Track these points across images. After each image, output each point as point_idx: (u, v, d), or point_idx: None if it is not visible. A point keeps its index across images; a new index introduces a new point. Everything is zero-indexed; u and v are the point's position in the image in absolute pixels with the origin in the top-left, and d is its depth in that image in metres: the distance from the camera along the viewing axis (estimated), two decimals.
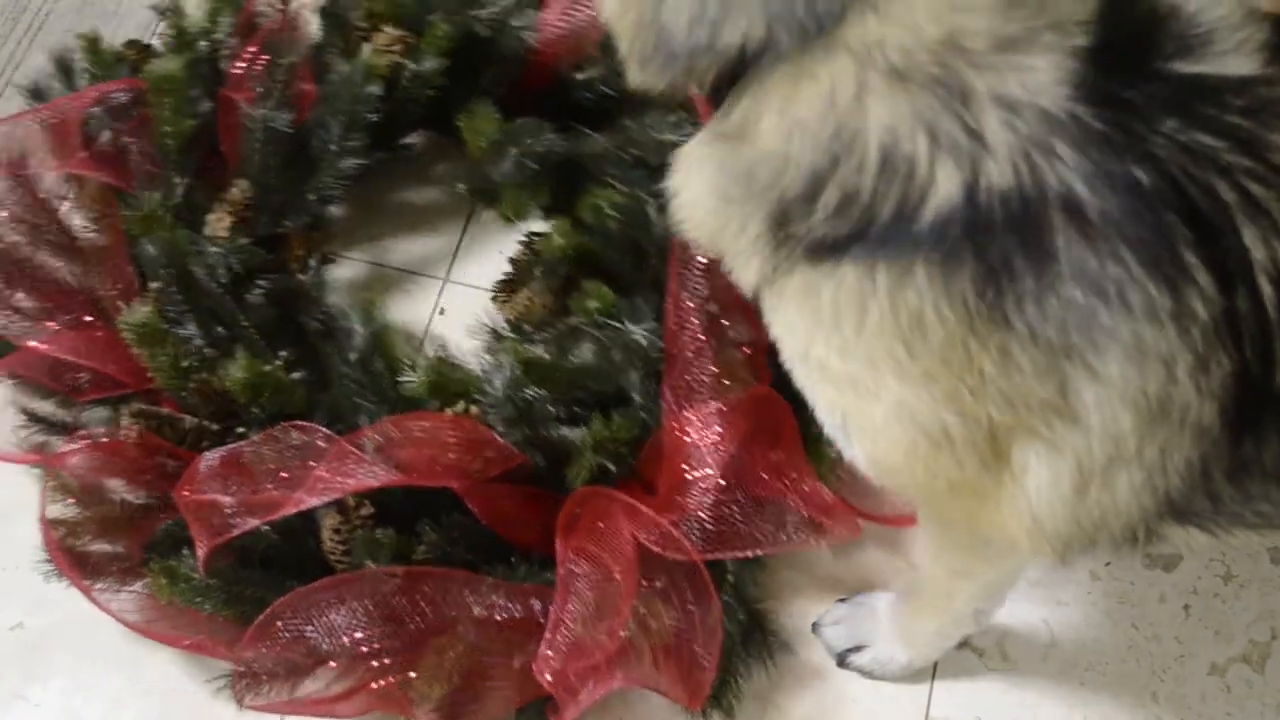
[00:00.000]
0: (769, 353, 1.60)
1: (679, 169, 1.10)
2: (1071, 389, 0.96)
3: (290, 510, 1.48)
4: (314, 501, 1.48)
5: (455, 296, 1.94)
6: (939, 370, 0.98)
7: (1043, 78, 0.91)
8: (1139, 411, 0.96)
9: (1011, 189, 0.91)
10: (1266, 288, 0.93)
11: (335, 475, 1.47)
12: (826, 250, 0.98)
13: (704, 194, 1.06)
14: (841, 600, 1.66)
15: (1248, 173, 0.92)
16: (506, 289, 1.83)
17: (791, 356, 1.11)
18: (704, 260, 1.60)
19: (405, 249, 1.99)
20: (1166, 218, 0.91)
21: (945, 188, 0.92)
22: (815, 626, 1.64)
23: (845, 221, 0.96)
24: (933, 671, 1.63)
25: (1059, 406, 0.97)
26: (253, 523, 1.50)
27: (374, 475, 1.48)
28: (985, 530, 1.11)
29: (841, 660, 1.63)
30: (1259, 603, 1.67)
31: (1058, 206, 0.91)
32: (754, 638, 1.61)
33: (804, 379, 1.12)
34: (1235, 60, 0.94)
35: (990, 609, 1.50)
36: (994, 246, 0.92)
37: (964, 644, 1.63)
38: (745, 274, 1.07)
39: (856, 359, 1.01)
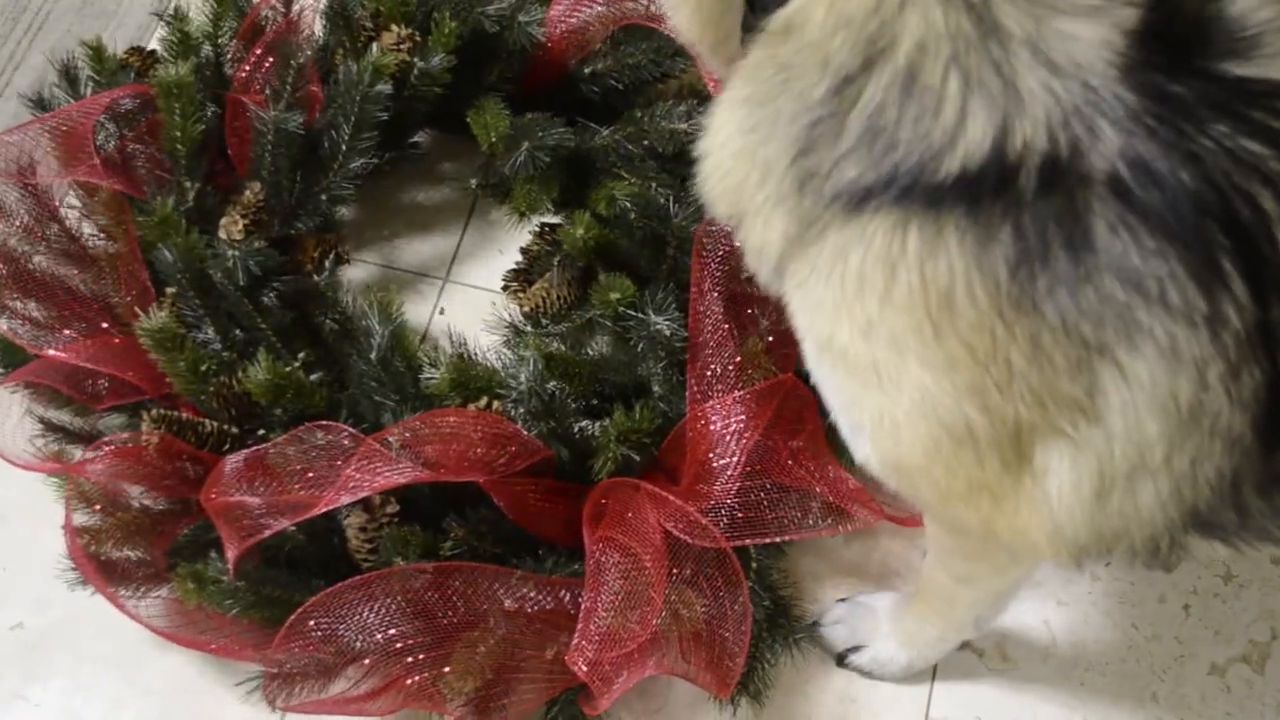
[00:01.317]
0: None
1: (715, 113, 1.06)
2: (1099, 389, 0.93)
3: (323, 509, 1.48)
4: (346, 500, 1.48)
5: (454, 296, 1.95)
6: (964, 357, 0.95)
7: (1088, 50, 0.89)
8: (1168, 417, 0.94)
9: (1047, 156, 0.89)
10: None
11: (365, 474, 1.47)
12: (857, 200, 0.94)
13: (734, 132, 1.03)
14: (841, 600, 1.67)
15: None
16: (520, 280, 1.84)
17: (814, 345, 1.07)
18: (727, 248, 1.61)
19: (414, 249, 2.00)
20: (1207, 223, 0.88)
21: (973, 135, 0.89)
22: (815, 626, 1.65)
23: (872, 159, 0.93)
24: (933, 672, 1.64)
25: (1085, 406, 0.95)
26: (283, 523, 1.50)
27: (404, 472, 1.48)
28: (1001, 535, 1.08)
29: (841, 660, 1.63)
30: (1259, 603, 1.68)
31: (1102, 189, 0.88)
32: (779, 624, 1.62)
33: (826, 373, 1.09)
34: None
35: (991, 616, 1.51)
36: (1028, 219, 0.89)
37: (964, 644, 1.64)
38: (769, 235, 1.02)
39: (880, 340, 0.98)
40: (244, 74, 1.87)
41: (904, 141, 0.92)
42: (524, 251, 1.87)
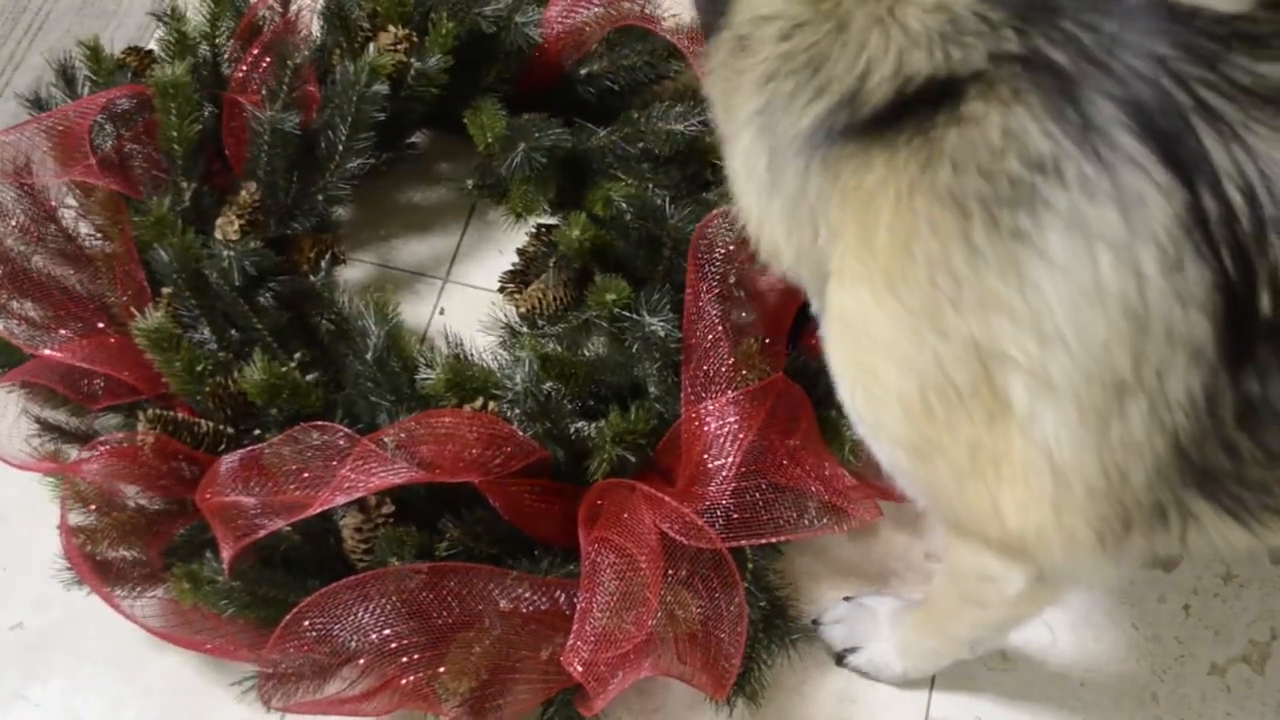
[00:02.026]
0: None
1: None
2: (1028, 282, 0.96)
3: (318, 510, 1.48)
4: (342, 500, 1.48)
5: (454, 296, 1.95)
6: (904, 270, 1.00)
7: None
8: (1107, 310, 0.95)
9: (930, 77, 1.00)
10: (1235, 196, 0.93)
11: (360, 474, 1.47)
12: (825, 152, 1.05)
13: (735, 154, 1.15)
14: (846, 599, 1.67)
15: (1203, 82, 0.93)
16: (516, 281, 1.84)
17: (824, 325, 1.13)
18: (723, 250, 1.61)
19: (411, 249, 2.00)
20: (1096, 102, 0.94)
21: (885, 70, 1.01)
22: (816, 623, 1.66)
23: (817, 96, 1.05)
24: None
25: (1022, 312, 0.97)
26: (279, 523, 1.50)
27: (399, 473, 1.48)
28: (1010, 522, 1.08)
29: (840, 659, 1.64)
30: (1259, 603, 1.68)
31: (977, 84, 0.97)
32: (776, 625, 1.62)
33: (832, 354, 1.14)
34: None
35: (990, 642, 1.51)
36: (931, 126, 0.99)
37: None
38: (778, 240, 1.14)
39: (845, 279, 1.05)
40: (241, 74, 1.87)
41: (837, 78, 1.04)
42: (520, 253, 1.88)
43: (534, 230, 1.89)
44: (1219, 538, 1.09)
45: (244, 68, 1.87)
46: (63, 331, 1.71)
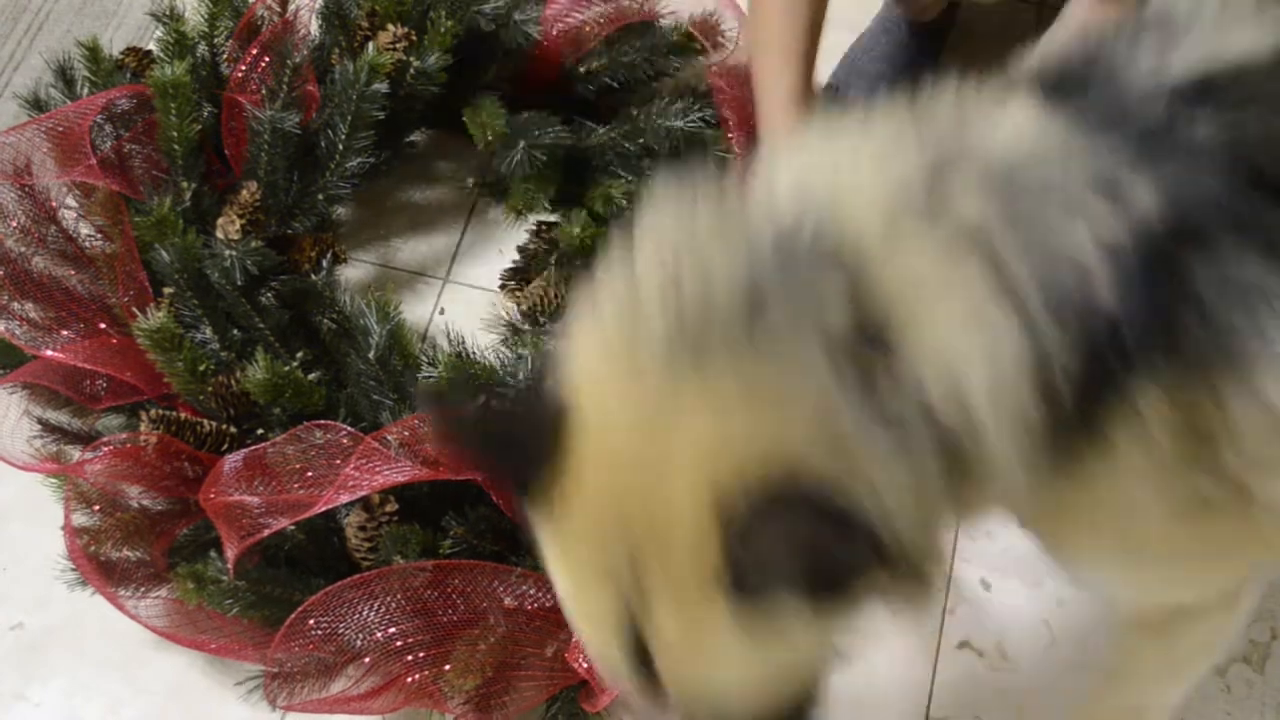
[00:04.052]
0: None
1: None
2: None
3: (321, 509, 1.48)
4: (346, 499, 1.48)
5: (455, 295, 1.95)
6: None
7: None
8: None
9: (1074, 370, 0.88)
10: None
11: (364, 472, 1.47)
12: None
13: None
14: None
15: None
16: (517, 279, 1.84)
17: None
18: None
19: (411, 249, 2.00)
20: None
21: None
22: None
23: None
24: (933, 671, 1.63)
25: None
26: (283, 522, 1.50)
27: (403, 471, 1.48)
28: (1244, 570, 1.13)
29: None
30: (1259, 603, 1.67)
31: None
32: None
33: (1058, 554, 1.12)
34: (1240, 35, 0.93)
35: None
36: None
37: (964, 644, 1.63)
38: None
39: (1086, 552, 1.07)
40: (240, 73, 1.87)
41: None
42: (521, 250, 1.88)
43: (534, 228, 1.89)
44: None
45: (243, 67, 1.87)
46: (64, 332, 1.71)
